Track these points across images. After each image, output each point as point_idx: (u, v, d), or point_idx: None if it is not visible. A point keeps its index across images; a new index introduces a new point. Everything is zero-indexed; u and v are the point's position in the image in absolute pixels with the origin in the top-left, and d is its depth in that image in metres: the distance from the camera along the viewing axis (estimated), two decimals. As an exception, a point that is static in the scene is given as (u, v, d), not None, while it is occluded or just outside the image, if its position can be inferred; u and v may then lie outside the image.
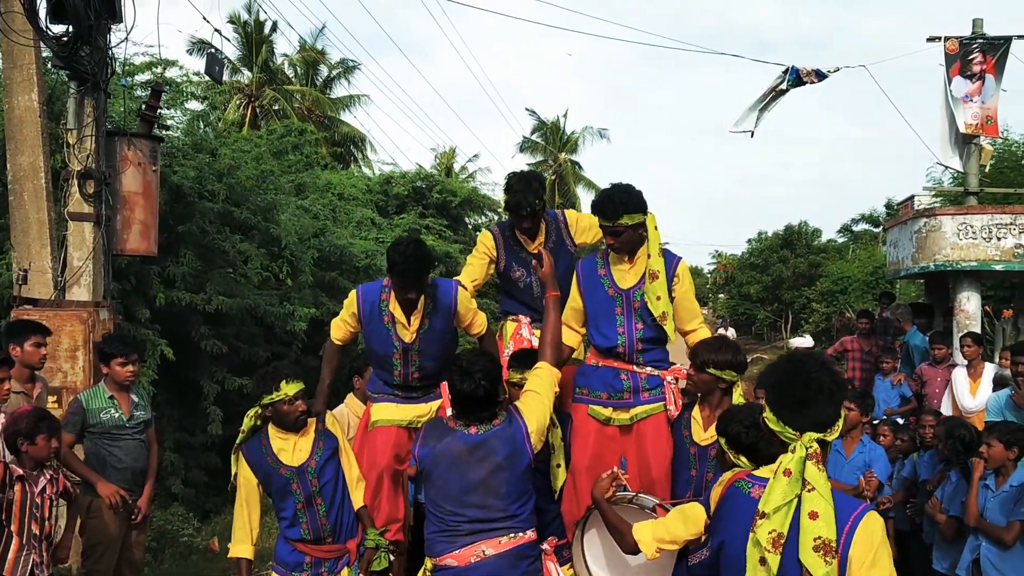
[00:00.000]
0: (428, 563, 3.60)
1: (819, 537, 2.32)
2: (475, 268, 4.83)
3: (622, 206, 4.01)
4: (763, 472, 2.55)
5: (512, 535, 3.52)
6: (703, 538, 2.77)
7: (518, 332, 4.76)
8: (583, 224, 4.81)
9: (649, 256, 4.12)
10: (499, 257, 4.82)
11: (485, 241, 4.86)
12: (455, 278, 4.76)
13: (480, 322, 4.44)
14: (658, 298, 4.08)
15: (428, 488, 3.64)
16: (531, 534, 3.59)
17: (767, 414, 2.51)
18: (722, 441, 3.39)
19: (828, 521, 2.34)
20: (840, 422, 2.48)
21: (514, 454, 3.55)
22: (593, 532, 3.62)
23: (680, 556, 3.02)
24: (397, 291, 4.17)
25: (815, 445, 2.41)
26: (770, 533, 2.36)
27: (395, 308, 4.23)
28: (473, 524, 3.50)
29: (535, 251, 4.61)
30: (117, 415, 5.15)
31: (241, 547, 4.11)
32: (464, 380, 3.55)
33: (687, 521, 2.83)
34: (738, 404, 3.76)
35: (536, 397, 3.71)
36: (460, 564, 3.48)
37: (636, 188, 4.10)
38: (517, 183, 4.61)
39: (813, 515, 2.34)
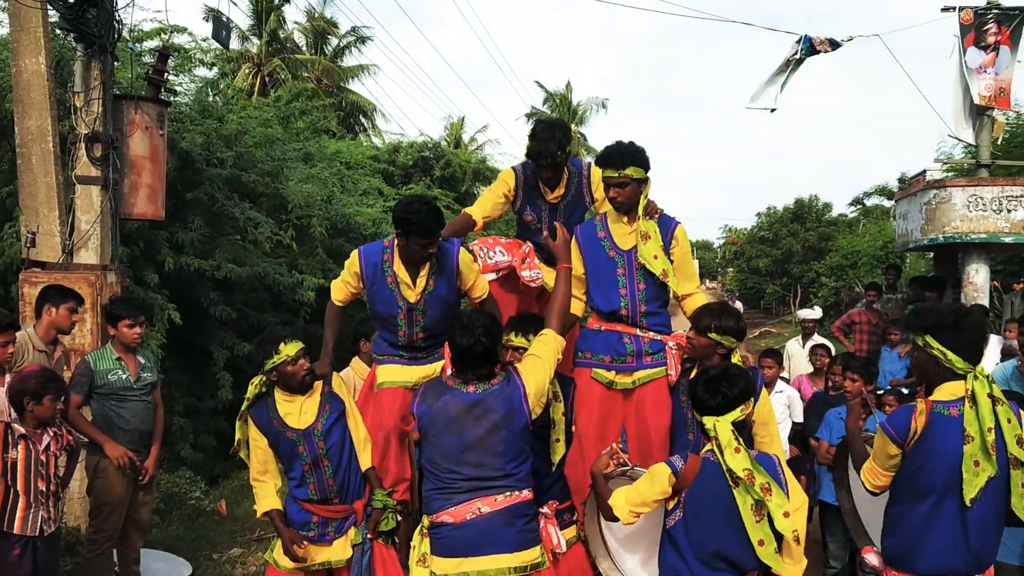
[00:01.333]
0: (425, 520, 3.64)
1: (1017, 434, 3.19)
2: (488, 203, 4.79)
3: (630, 157, 4.04)
4: (944, 396, 3.27)
5: (508, 493, 3.55)
6: (675, 500, 3.23)
7: (522, 256, 4.68)
8: (598, 181, 4.64)
9: (639, 217, 4.13)
10: (516, 197, 4.78)
11: (507, 179, 4.78)
12: (464, 209, 4.76)
13: (482, 285, 4.42)
14: (655, 257, 4.07)
15: (426, 446, 3.66)
16: (527, 493, 3.62)
17: (951, 356, 3.25)
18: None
19: (1015, 422, 3.20)
20: None
21: (511, 413, 3.56)
22: None
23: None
24: (415, 250, 4.11)
25: (984, 370, 3.26)
26: (989, 433, 3.15)
27: (399, 268, 4.22)
28: (470, 482, 3.53)
29: (552, 201, 4.65)
30: (124, 376, 5.20)
31: (267, 501, 4.14)
32: (464, 335, 3.57)
33: (654, 482, 3.26)
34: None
35: (538, 361, 3.72)
36: (456, 520, 3.51)
37: (639, 144, 4.12)
38: (542, 131, 4.50)
39: (1008, 420, 3.20)
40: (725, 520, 3.18)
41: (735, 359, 3.95)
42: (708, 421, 3.27)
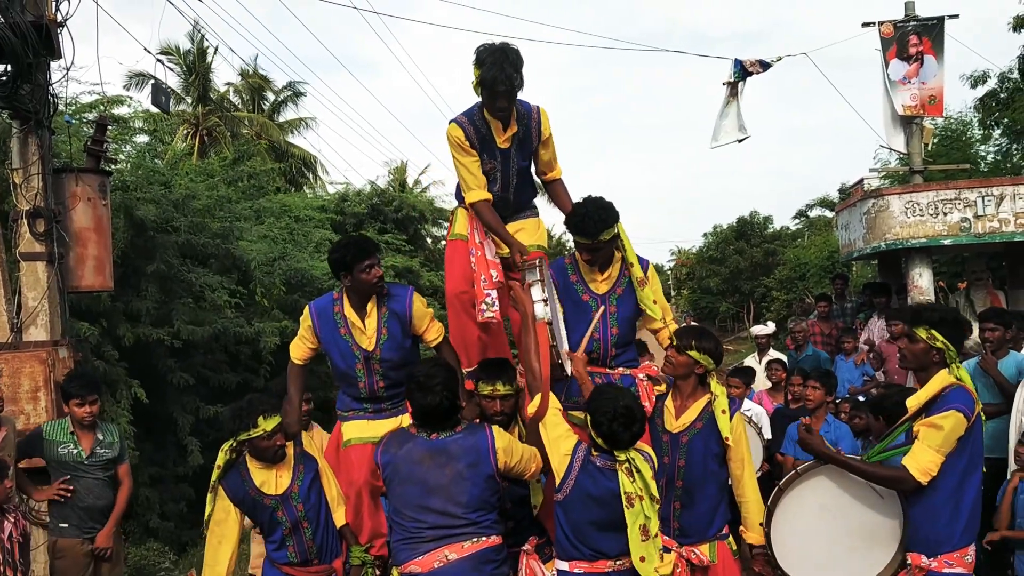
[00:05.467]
0: (394, 573, 3.63)
1: None
2: (473, 169, 4.31)
3: (601, 223, 4.01)
4: (946, 382, 3.63)
5: (475, 539, 3.54)
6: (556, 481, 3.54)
7: (473, 228, 4.42)
8: (547, 123, 4.39)
9: (632, 264, 4.18)
10: (474, 148, 4.31)
11: (455, 133, 4.28)
12: (467, 198, 4.38)
13: (436, 329, 4.42)
14: (655, 302, 4.18)
15: (391, 496, 3.66)
16: (495, 539, 3.61)
17: (951, 348, 3.65)
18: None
19: None
20: None
21: (477, 463, 3.57)
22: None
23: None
24: (362, 279, 4.12)
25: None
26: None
27: (350, 312, 4.23)
28: (435, 530, 3.51)
29: (505, 143, 4.31)
30: (75, 451, 5.13)
31: (214, 570, 4.01)
32: (425, 395, 3.58)
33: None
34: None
35: (521, 447, 3.78)
36: (423, 570, 3.49)
37: (606, 200, 4.09)
38: (490, 56, 4.04)
39: None
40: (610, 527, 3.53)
41: (712, 383, 4.03)
42: (622, 455, 3.52)
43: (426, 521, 3.52)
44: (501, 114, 4.22)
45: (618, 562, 3.54)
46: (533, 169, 4.60)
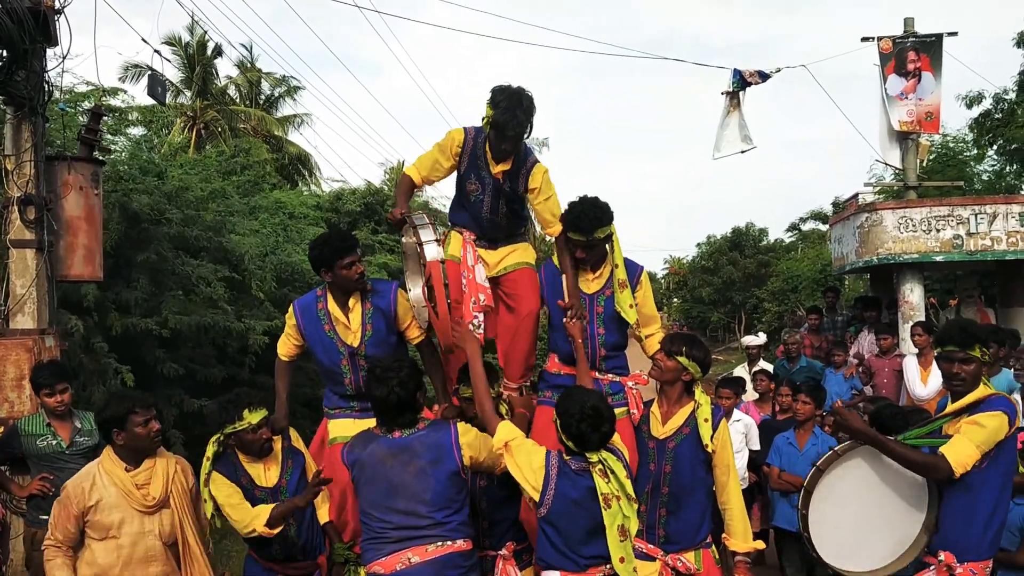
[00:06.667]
0: (361, 572, 3.63)
1: None
2: (429, 161, 4.37)
3: (596, 221, 4.04)
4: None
5: (440, 543, 3.48)
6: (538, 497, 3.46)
7: (466, 252, 4.44)
8: (537, 179, 4.34)
9: (616, 266, 4.18)
10: (461, 163, 4.36)
11: (455, 138, 4.31)
12: (404, 169, 4.46)
13: (419, 327, 4.41)
14: (631, 306, 4.16)
15: (359, 497, 3.63)
16: (462, 543, 3.55)
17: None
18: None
19: None
20: None
21: (439, 460, 3.54)
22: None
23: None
24: (343, 275, 4.14)
25: None
26: None
27: (333, 308, 4.24)
28: (400, 531, 3.48)
29: (496, 175, 4.30)
30: (55, 442, 5.05)
31: (260, 519, 3.84)
32: (379, 386, 3.57)
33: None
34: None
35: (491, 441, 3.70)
36: (386, 572, 3.46)
37: (602, 199, 4.12)
38: (506, 99, 4.06)
39: None
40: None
41: (697, 392, 4.03)
42: (594, 456, 3.47)
43: (391, 521, 3.49)
44: (501, 155, 4.24)
45: (607, 566, 3.46)
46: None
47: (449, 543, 3.50)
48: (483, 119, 4.18)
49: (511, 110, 4.03)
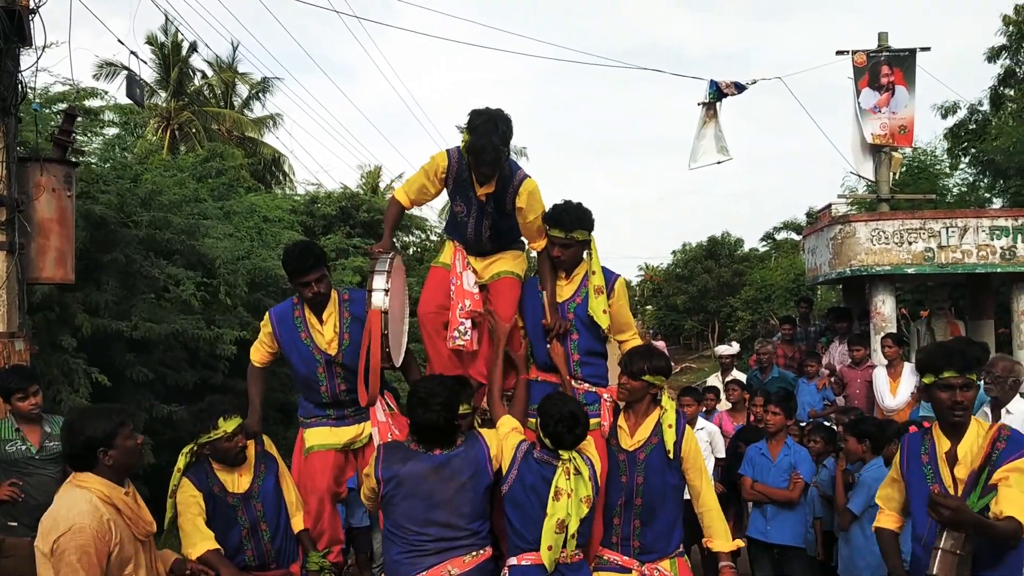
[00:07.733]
0: None
1: None
2: (416, 185, 4.39)
3: (578, 221, 4.17)
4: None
5: (475, 553, 3.65)
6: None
7: (456, 259, 4.48)
8: (523, 199, 4.29)
9: (593, 273, 4.25)
10: (447, 184, 4.38)
11: (439, 162, 4.31)
12: (392, 193, 4.52)
13: None
14: (604, 312, 4.21)
15: (390, 511, 3.69)
16: (489, 550, 3.74)
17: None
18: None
19: None
20: None
21: (477, 474, 3.69)
22: None
23: None
24: (300, 293, 4.23)
25: None
26: None
27: (310, 316, 4.28)
28: (438, 543, 3.60)
29: (481, 197, 4.31)
30: (24, 448, 4.97)
31: (204, 544, 3.79)
32: (425, 412, 3.64)
33: None
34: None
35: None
36: None
37: (585, 206, 4.24)
38: (482, 124, 4.04)
39: None
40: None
41: (664, 398, 4.06)
42: (565, 455, 3.70)
43: (430, 534, 3.60)
44: (483, 179, 4.23)
45: (563, 552, 3.64)
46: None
47: (481, 552, 3.69)
48: (462, 143, 4.18)
49: (486, 135, 4.02)
